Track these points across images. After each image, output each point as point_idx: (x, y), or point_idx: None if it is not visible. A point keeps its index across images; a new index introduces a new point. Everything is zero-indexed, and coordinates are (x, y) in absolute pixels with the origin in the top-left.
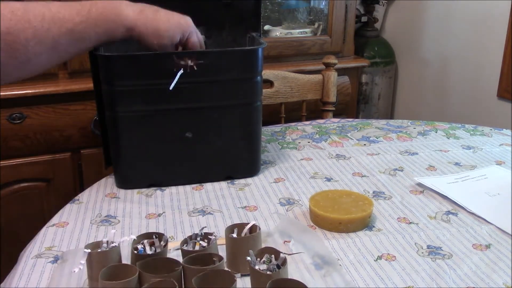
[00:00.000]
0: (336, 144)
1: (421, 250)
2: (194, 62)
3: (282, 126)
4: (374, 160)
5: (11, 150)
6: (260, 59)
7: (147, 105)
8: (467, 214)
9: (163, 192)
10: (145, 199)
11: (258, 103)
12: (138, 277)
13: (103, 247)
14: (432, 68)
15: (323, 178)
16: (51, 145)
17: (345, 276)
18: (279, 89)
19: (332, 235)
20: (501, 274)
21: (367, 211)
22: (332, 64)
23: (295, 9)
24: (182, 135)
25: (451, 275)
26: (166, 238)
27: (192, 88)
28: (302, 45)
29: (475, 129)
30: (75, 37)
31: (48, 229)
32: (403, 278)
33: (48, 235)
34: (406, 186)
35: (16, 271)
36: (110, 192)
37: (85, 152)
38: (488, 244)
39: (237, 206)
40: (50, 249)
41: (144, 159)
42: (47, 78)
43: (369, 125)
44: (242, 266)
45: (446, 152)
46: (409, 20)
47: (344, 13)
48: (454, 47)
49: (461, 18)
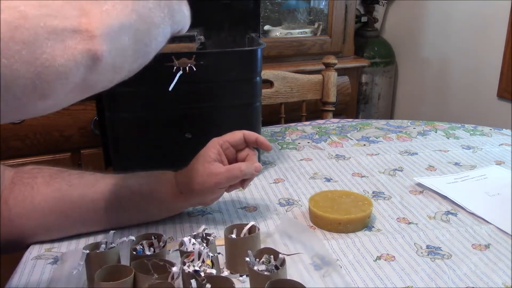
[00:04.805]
0: (336, 144)
1: (421, 250)
2: (193, 63)
3: (281, 127)
4: (374, 160)
5: (11, 150)
6: (259, 60)
7: (147, 105)
8: (466, 214)
9: None
10: None
11: (257, 103)
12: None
13: (101, 248)
14: (432, 68)
15: (322, 179)
16: (51, 145)
17: (344, 277)
18: (279, 89)
19: (331, 236)
20: (500, 274)
21: (366, 211)
22: (332, 64)
23: (295, 9)
24: (181, 135)
25: (450, 275)
26: (165, 239)
27: (191, 88)
28: (302, 45)
29: (475, 129)
30: None
31: None
32: (403, 278)
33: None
34: (405, 186)
35: (16, 272)
36: None
37: (85, 152)
38: (488, 244)
39: (237, 206)
40: (50, 250)
41: (144, 160)
42: None
43: (369, 125)
44: (241, 266)
45: (446, 152)
46: (409, 20)
47: (344, 13)
48: (454, 47)
49: (461, 18)
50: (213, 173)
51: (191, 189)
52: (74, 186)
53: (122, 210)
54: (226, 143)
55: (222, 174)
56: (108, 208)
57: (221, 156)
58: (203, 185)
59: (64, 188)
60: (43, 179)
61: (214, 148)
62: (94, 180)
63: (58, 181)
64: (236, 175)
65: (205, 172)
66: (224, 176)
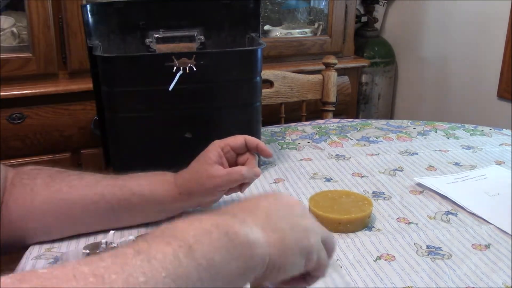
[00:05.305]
0: (336, 144)
1: (421, 250)
2: (194, 62)
3: (281, 127)
4: (374, 160)
5: (11, 150)
6: (259, 60)
7: (147, 105)
8: (466, 214)
9: None
10: None
11: (257, 103)
12: None
13: (102, 248)
14: (432, 68)
15: (322, 179)
16: (51, 145)
17: (344, 277)
18: (279, 89)
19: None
20: (500, 274)
21: (366, 211)
22: (332, 64)
23: (295, 9)
24: (181, 135)
25: (450, 275)
26: None
27: (191, 88)
28: (302, 45)
29: (475, 129)
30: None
31: None
32: (403, 278)
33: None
34: (405, 186)
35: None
36: None
37: (85, 152)
38: (488, 244)
39: None
40: (50, 250)
41: (144, 160)
42: (47, 78)
43: (369, 125)
44: None
45: (446, 152)
46: (409, 20)
47: (344, 13)
48: (454, 47)
49: (461, 18)
50: (213, 175)
51: (190, 190)
52: (74, 187)
53: (122, 211)
54: (227, 147)
55: (223, 176)
56: (108, 208)
57: (222, 158)
58: (203, 186)
59: (64, 189)
60: (42, 180)
61: (215, 150)
62: (94, 181)
63: (58, 182)
64: (236, 179)
65: (205, 174)
66: (224, 179)
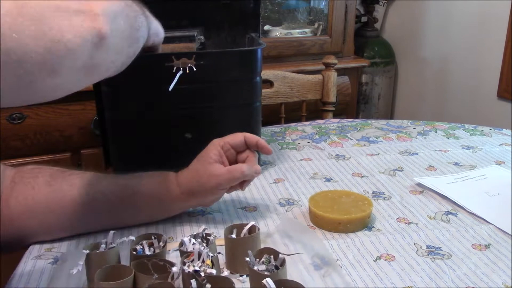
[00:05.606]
0: (335, 144)
1: (421, 250)
2: (194, 62)
3: (281, 127)
4: (374, 160)
5: (11, 150)
6: (259, 60)
7: (147, 106)
8: (466, 214)
9: None
10: None
11: (257, 103)
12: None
13: (102, 248)
14: (432, 68)
15: (322, 179)
16: (51, 145)
17: (344, 277)
18: (279, 89)
19: (331, 236)
20: (500, 274)
21: (366, 211)
22: (332, 64)
23: (295, 9)
24: (181, 135)
25: (450, 275)
26: (165, 239)
27: (191, 88)
28: (302, 45)
29: (475, 129)
30: None
31: None
32: (403, 278)
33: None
34: (405, 186)
35: (16, 272)
36: None
37: (85, 152)
38: (488, 244)
39: (237, 206)
40: (50, 250)
41: (144, 160)
42: None
43: (369, 125)
44: (241, 266)
45: (446, 152)
46: (409, 20)
47: (344, 13)
48: (454, 47)
49: (461, 18)
50: (214, 174)
51: (191, 190)
52: (75, 186)
53: (123, 210)
54: (227, 145)
55: (223, 175)
56: (109, 208)
57: (222, 157)
58: (204, 186)
59: (65, 188)
60: (44, 179)
61: (215, 149)
62: (95, 180)
63: (59, 181)
64: (237, 177)
65: (206, 173)
66: (225, 177)
